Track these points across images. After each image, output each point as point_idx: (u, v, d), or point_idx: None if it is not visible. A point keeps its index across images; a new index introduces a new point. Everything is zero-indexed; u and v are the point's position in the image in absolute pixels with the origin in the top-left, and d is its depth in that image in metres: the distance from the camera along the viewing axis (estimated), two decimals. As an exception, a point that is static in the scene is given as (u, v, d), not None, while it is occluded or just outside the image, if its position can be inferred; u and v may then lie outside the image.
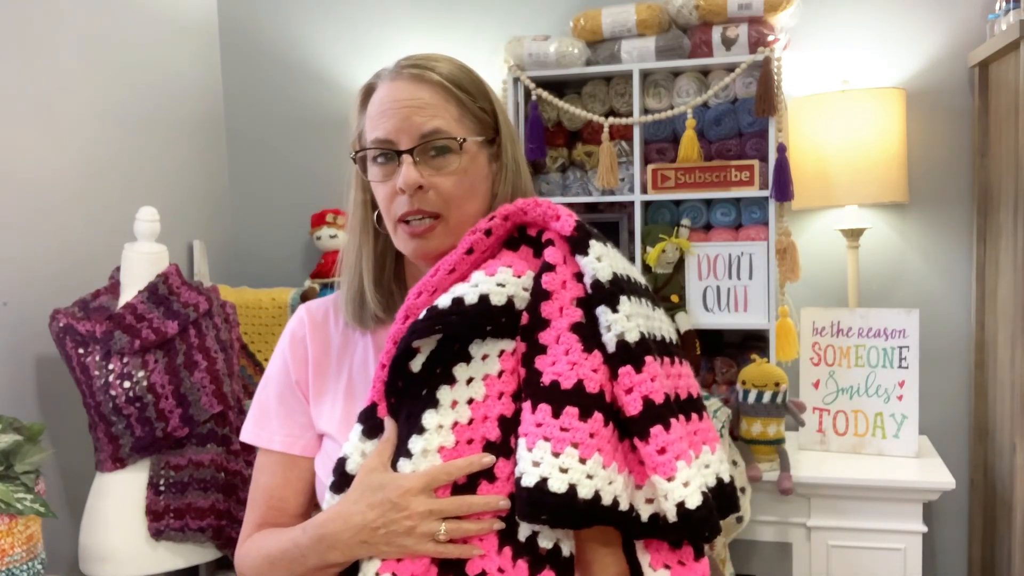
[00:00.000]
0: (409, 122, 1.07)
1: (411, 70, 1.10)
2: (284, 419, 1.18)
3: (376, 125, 1.09)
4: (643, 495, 0.93)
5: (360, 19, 2.73)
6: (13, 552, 1.53)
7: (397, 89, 1.09)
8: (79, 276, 2.12)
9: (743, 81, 2.25)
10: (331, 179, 2.78)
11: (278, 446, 1.18)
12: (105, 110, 2.29)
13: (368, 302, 1.14)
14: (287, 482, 1.21)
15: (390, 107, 1.08)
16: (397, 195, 1.08)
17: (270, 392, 1.19)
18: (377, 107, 1.10)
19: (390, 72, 1.11)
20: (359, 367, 1.16)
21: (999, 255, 2.19)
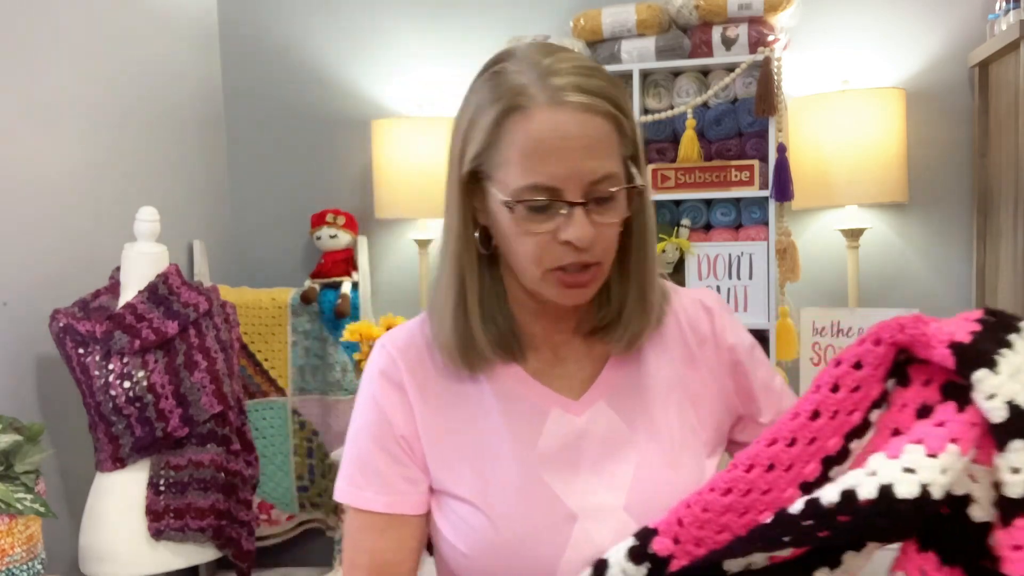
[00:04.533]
0: (580, 168, 0.92)
1: (578, 98, 0.92)
2: (389, 476, 1.04)
3: (535, 167, 0.92)
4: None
5: (360, 19, 2.73)
6: (13, 552, 1.53)
7: (562, 123, 0.92)
8: (79, 276, 2.12)
9: (743, 81, 2.25)
10: (331, 179, 2.78)
11: (383, 507, 1.04)
12: (105, 110, 2.29)
13: (479, 344, 1.01)
14: (400, 543, 1.05)
15: (556, 147, 0.92)
16: (554, 245, 0.95)
17: (367, 446, 1.05)
18: (534, 143, 0.92)
19: (545, 95, 0.92)
20: (483, 420, 1.04)
21: (999, 255, 2.19)
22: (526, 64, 0.95)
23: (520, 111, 0.93)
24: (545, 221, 0.94)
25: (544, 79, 0.93)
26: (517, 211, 0.94)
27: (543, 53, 0.96)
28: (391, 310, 2.64)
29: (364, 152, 2.70)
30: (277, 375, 2.61)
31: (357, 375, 2.41)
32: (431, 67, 2.68)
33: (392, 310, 2.64)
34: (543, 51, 0.97)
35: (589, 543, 0.99)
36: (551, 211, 0.94)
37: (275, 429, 2.61)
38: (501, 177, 0.95)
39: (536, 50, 0.97)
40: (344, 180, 2.77)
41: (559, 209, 0.93)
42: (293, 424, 2.61)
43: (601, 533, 0.99)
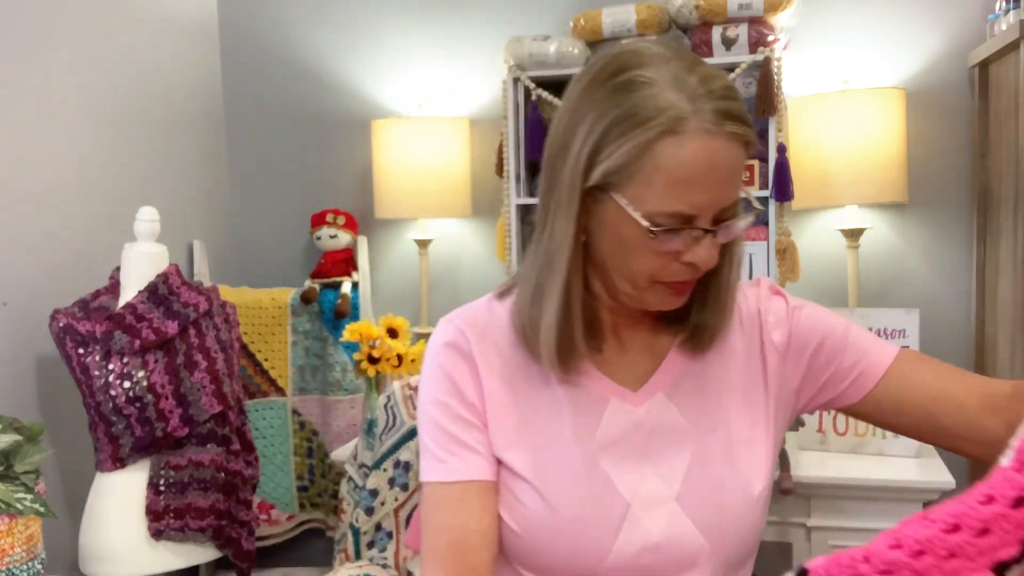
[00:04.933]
0: (721, 197, 0.93)
1: (734, 127, 0.91)
2: (467, 442, 1.04)
3: (680, 196, 0.91)
4: None
5: (360, 19, 2.73)
6: (13, 552, 1.53)
7: (715, 152, 0.91)
8: (79, 276, 2.12)
9: (743, 81, 2.25)
10: (331, 179, 2.78)
11: (467, 474, 1.03)
12: (105, 110, 2.29)
13: (579, 349, 1.01)
14: (483, 511, 1.03)
15: (707, 177, 0.91)
16: (675, 263, 0.95)
17: (440, 418, 1.05)
18: (685, 172, 0.90)
19: (702, 121, 0.90)
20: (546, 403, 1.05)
21: (999, 255, 2.19)
22: (671, 80, 0.91)
23: (673, 136, 0.90)
24: (674, 243, 0.94)
25: (697, 102, 0.90)
26: (643, 230, 0.93)
27: (685, 67, 0.93)
28: (391, 310, 2.64)
29: (364, 152, 2.70)
30: (277, 375, 2.61)
31: (357, 375, 2.40)
32: (431, 67, 2.68)
33: (392, 310, 2.64)
34: (684, 64, 0.93)
35: (640, 531, 1.01)
36: (682, 234, 0.94)
37: (275, 429, 2.61)
38: (637, 195, 0.93)
39: (676, 61, 0.94)
40: (344, 180, 2.77)
41: (691, 233, 0.94)
42: (293, 424, 2.62)
43: (652, 522, 1.01)
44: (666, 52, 0.95)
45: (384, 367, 2.28)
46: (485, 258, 2.65)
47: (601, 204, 0.96)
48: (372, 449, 2.03)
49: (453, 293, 2.70)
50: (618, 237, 0.96)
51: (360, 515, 1.99)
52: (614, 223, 0.95)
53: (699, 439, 1.05)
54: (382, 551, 2.00)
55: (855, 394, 1.08)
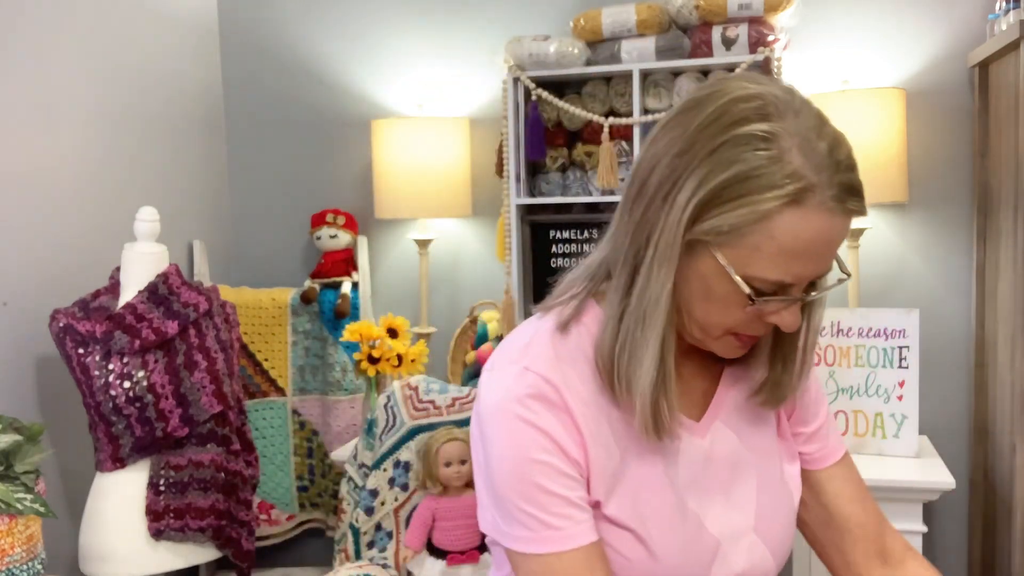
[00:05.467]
0: (821, 269, 0.91)
1: (856, 204, 0.88)
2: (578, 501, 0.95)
3: (787, 267, 0.88)
4: None
5: (360, 19, 2.73)
6: (13, 552, 1.53)
7: (832, 229, 0.87)
8: (79, 276, 2.12)
9: (743, 81, 2.25)
10: (331, 179, 2.78)
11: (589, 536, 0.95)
12: (105, 110, 2.29)
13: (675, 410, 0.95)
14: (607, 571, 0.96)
15: (818, 252, 0.88)
16: (757, 320, 0.93)
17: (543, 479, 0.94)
18: (799, 245, 0.86)
19: (830, 196, 0.85)
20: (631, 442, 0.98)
21: (999, 255, 2.19)
22: (800, 142, 0.86)
23: (795, 208, 0.85)
24: (766, 307, 0.91)
25: (824, 173, 0.85)
26: (746, 296, 0.89)
27: (813, 126, 0.87)
28: (391, 310, 2.64)
29: (364, 152, 2.70)
30: (277, 375, 2.61)
31: (357, 375, 2.41)
32: (431, 67, 2.68)
33: (392, 310, 2.64)
34: (812, 123, 0.88)
35: (727, 565, 1.01)
36: (777, 300, 0.91)
37: (275, 429, 2.61)
38: (740, 256, 0.88)
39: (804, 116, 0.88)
40: (344, 180, 2.77)
41: (785, 299, 0.91)
42: (293, 424, 2.62)
43: (737, 556, 1.02)
44: (792, 100, 0.89)
45: (384, 367, 2.28)
46: (485, 258, 2.65)
47: (695, 255, 0.90)
48: (372, 449, 2.03)
49: (453, 293, 2.70)
50: (705, 289, 0.91)
51: (360, 515, 2.00)
52: (705, 275, 0.91)
53: (758, 464, 1.06)
54: (382, 551, 2.00)
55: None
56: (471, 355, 2.57)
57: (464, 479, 1.93)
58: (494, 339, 2.53)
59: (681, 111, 0.92)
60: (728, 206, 0.86)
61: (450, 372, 2.61)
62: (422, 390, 2.03)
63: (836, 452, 1.15)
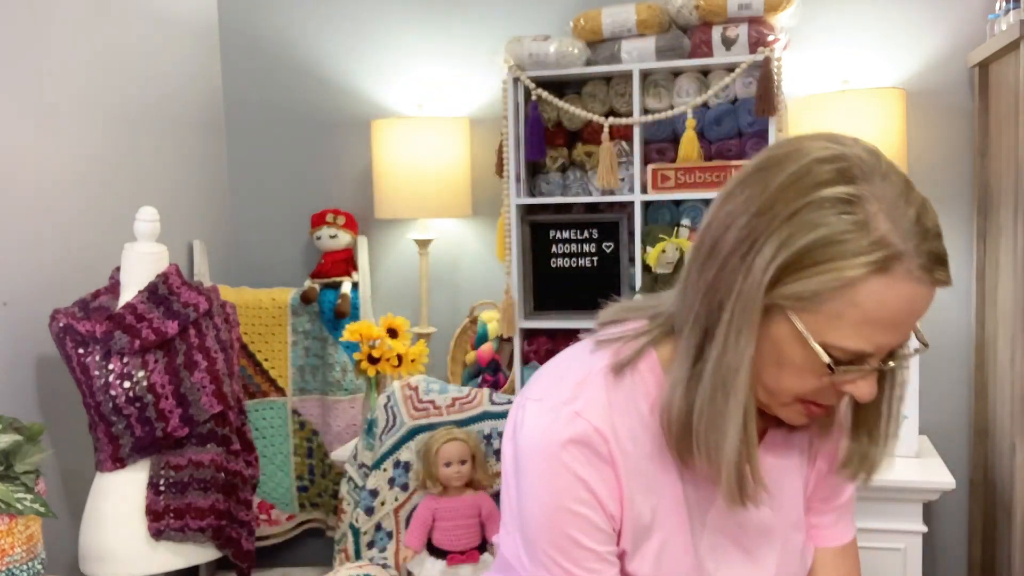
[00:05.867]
0: (904, 338, 0.88)
1: (943, 275, 0.86)
2: (606, 555, 0.95)
3: (870, 337, 0.84)
4: None
5: (360, 19, 2.73)
6: (13, 552, 1.53)
7: (918, 298, 0.84)
8: (79, 276, 2.12)
9: (743, 81, 2.25)
10: (331, 179, 2.78)
11: None
12: (105, 110, 2.29)
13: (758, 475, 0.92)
14: None
15: (902, 322, 0.85)
16: (831, 389, 0.90)
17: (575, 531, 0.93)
18: (885, 315, 0.83)
19: (919, 265, 0.83)
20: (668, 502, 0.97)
21: (999, 255, 2.19)
22: (889, 207, 0.83)
23: (882, 276, 0.82)
24: (844, 376, 0.88)
25: (912, 240, 0.82)
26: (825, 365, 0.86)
27: (900, 191, 0.84)
28: (391, 310, 2.64)
29: (364, 152, 2.70)
30: (277, 375, 2.61)
31: (357, 375, 2.41)
32: (431, 67, 2.68)
33: (392, 310, 2.64)
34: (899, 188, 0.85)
35: None
36: (857, 369, 0.87)
37: (275, 429, 2.61)
38: (820, 323, 0.84)
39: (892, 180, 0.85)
40: (344, 180, 2.77)
41: (863, 369, 0.87)
42: (293, 424, 2.62)
43: None
44: (877, 163, 0.86)
45: (384, 367, 2.28)
46: (485, 258, 2.65)
47: (770, 319, 0.87)
48: (372, 449, 2.03)
49: (453, 293, 2.70)
50: (777, 354, 0.88)
51: (360, 515, 2.00)
52: (778, 341, 0.87)
53: (783, 532, 1.04)
54: (382, 551, 2.00)
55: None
56: (471, 355, 2.57)
57: (464, 479, 1.93)
58: (494, 339, 2.53)
59: (758, 169, 0.89)
60: (810, 271, 0.82)
61: (450, 372, 2.62)
62: (422, 390, 2.03)
63: (842, 536, 1.12)
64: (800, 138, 0.90)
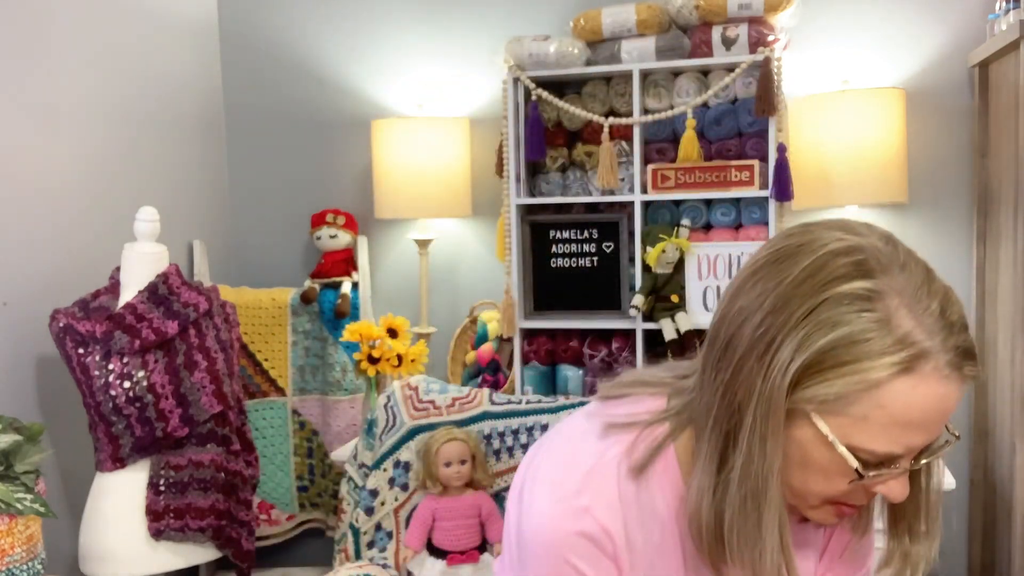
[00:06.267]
0: (932, 437, 0.83)
1: (972, 370, 0.80)
2: None
3: (898, 438, 0.80)
4: None
5: (360, 19, 2.73)
6: (13, 552, 1.53)
7: (947, 397, 0.80)
8: (79, 276, 2.12)
9: (743, 81, 2.25)
10: (331, 179, 2.78)
11: None
12: (105, 110, 2.29)
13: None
14: None
15: (932, 421, 0.81)
16: (860, 491, 0.85)
17: None
18: (912, 415, 0.79)
19: (946, 363, 0.78)
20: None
21: (999, 255, 2.19)
22: (910, 302, 0.79)
23: (908, 376, 0.78)
24: (878, 479, 0.83)
25: (937, 337, 0.78)
26: (846, 462, 0.81)
27: (920, 283, 0.80)
28: (391, 310, 2.64)
29: (364, 152, 2.70)
30: (277, 375, 2.61)
31: (357, 375, 2.41)
32: (431, 67, 2.68)
33: (392, 310, 2.63)
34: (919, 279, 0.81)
35: None
36: (887, 471, 0.83)
37: (275, 429, 2.61)
38: (845, 426, 0.80)
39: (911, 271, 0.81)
40: (344, 180, 2.77)
41: (893, 471, 0.83)
42: (293, 424, 2.61)
43: None
44: (895, 253, 0.82)
45: (384, 367, 2.28)
46: (485, 258, 2.65)
47: (793, 421, 0.82)
48: (372, 449, 2.03)
49: (453, 293, 2.70)
50: (803, 457, 0.83)
51: (360, 515, 2.00)
52: (803, 444, 0.83)
53: None
54: (382, 551, 2.00)
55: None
56: (471, 355, 2.57)
57: (464, 479, 1.93)
58: (494, 339, 2.53)
59: (771, 261, 0.85)
60: (832, 372, 0.78)
61: (450, 372, 2.62)
62: (422, 390, 2.03)
63: None
64: (812, 227, 0.86)
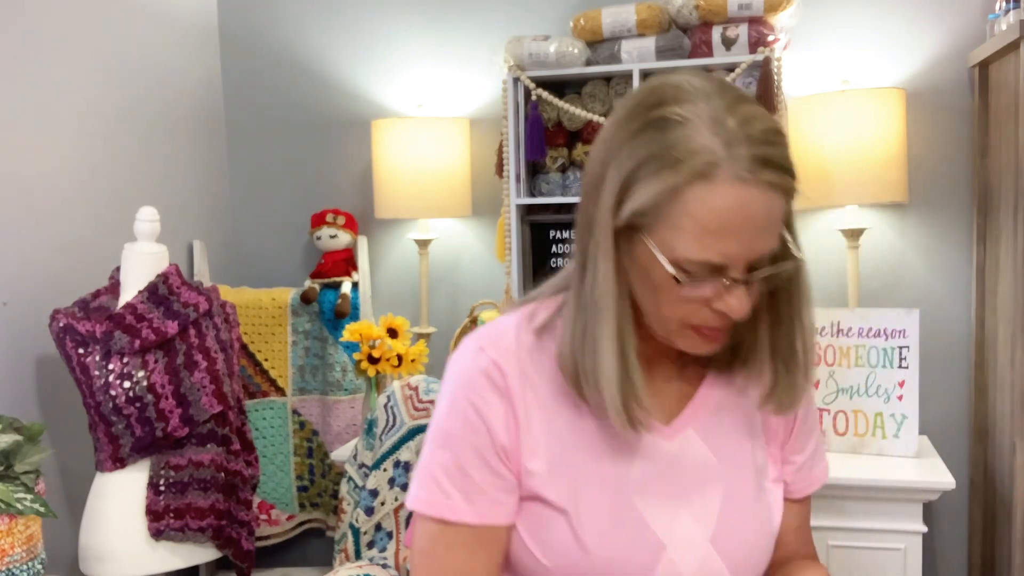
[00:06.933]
0: (754, 247, 0.89)
1: (768, 176, 0.86)
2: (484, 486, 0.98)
3: (710, 245, 0.87)
4: None
5: (360, 19, 2.73)
6: (13, 552, 1.53)
7: (748, 201, 0.86)
8: (79, 276, 2.12)
9: (743, 81, 2.25)
10: (331, 179, 2.78)
11: (477, 519, 0.98)
12: (105, 110, 2.29)
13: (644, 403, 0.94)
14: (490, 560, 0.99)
15: (738, 227, 0.87)
16: (705, 309, 0.91)
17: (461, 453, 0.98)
18: (716, 220, 0.86)
19: (738, 167, 0.85)
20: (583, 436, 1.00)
21: (999, 255, 2.19)
22: (709, 120, 0.87)
23: (705, 181, 0.85)
24: (702, 291, 0.90)
25: (734, 147, 0.85)
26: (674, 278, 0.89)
27: (726, 105, 0.88)
28: (391, 310, 2.64)
29: (364, 152, 2.70)
30: (277, 375, 2.61)
31: (357, 375, 2.41)
32: (431, 67, 2.68)
33: (392, 310, 2.64)
34: (725, 102, 0.89)
35: (674, 573, 0.98)
36: (713, 282, 0.89)
37: (275, 429, 2.61)
38: (666, 239, 0.88)
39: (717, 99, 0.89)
40: (344, 180, 2.77)
41: (721, 282, 0.89)
42: (293, 424, 2.62)
43: (687, 566, 0.99)
44: (708, 87, 0.90)
45: (384, 367, 2.28)
46: (485, 258, 2.65)
47: (633, 245, 0.91)
48: (372, 449, 2.03)
49: (453, 293, 2.70)
50: (646, 279, 0.92)
51: (360, 515, 2.00)
52: (644, 265, 0.91)
53: (728, 476, 1.03)
54: (382, 551, 2.00)
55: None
56: (471, 355, 2.57)
57: (464, 479, 1.93)
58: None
59: (614, 110, 0.96)
60: (641, 185, 0.87)
61: (450, 372, 2.61)
62: (422, 390, 2.03)
63: (809, 487, 1.13)
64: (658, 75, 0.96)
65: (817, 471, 1.14)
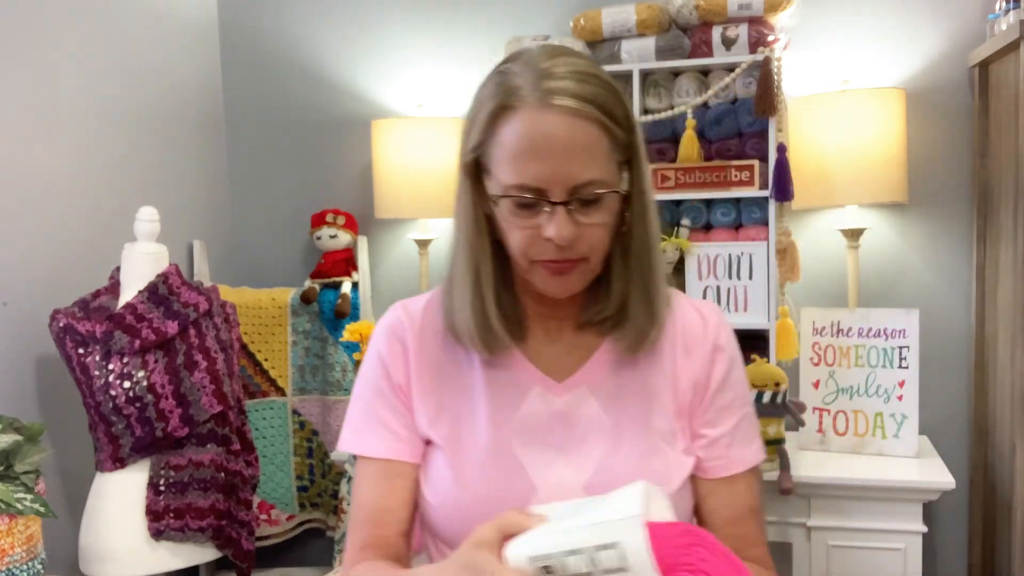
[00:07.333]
0: (564, 170, 0.96)
1: (565, 102, 0.96)
2: (389, 423, 1.12)
3: (521, 168, 0.97)
4: None
5: (360, 19, 2.73)
6: (13, 552, 1.53)
7: (548, 125, 0.96)
8: (79, 276, 2.12)
9: (743, 81, 2.25)
10: (331, 179, 2.78)
11: (382, 452, 1.11)
12: (105, 110, 2.29)
13: (496, 330, 1.06)
14: (392, 491, 1.11)
15: (541, 148, 0.96)
16: (539, 239, 1.00)
17: (368, 396, 1.13)
18: (521, 143, 0.97)
19: (535, 97, 0.97)
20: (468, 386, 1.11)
21: (999, 255, 2.19)
22: (527, 66, 1.00)
23: (510, 111, 0.98)
24: (530, 217, 0.99)
25: (538, 81, 0.97)
26: (505, 206, 1.00)
27: (546, 56, 1.01)
28: (391, 310, 2.64)
29: (364, 152, 2.70)
30: (277, 375, 2.61)
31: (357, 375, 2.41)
32: (431, 67, 2.68)
33: (392, 310, 2.64)
34: (547, 54, 1.01)
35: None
36: (536, 209, 0.99)
37: (275, 429, 2.61)
38: (494, 172, 1.01)
39: (541, 52, 1.01)
40: (344, 180, 2.77)
41: (543, 207, 0.98)
42: (293, 424, 2.62)
43: None
44: (544, 48, 1.02)
45: (384, 367, 2.27)
46: (485, 258, 2.65)
47: (483, 185, 1.04)
48: (372, 449, 2.03)
49: (453, 293, 2.70)
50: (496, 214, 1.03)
51: (360, 515, 1.99)
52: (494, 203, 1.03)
53: (616, 434, 1.08)
54: (382, 551, 2.00)
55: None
56: (471, 355, 2.57)
57: (464, 479, 1.93)
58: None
59: None
60: (474, 125, 1.03)
61: (450, 372, 2.61)
62: (422, 390, 2.03)
63: (730, 467, 1.12)
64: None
65: (738, 452, 1.12)
